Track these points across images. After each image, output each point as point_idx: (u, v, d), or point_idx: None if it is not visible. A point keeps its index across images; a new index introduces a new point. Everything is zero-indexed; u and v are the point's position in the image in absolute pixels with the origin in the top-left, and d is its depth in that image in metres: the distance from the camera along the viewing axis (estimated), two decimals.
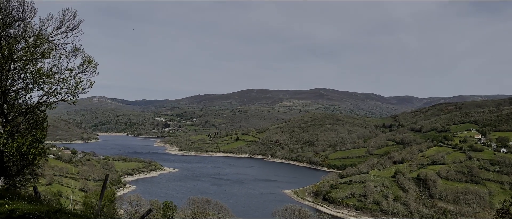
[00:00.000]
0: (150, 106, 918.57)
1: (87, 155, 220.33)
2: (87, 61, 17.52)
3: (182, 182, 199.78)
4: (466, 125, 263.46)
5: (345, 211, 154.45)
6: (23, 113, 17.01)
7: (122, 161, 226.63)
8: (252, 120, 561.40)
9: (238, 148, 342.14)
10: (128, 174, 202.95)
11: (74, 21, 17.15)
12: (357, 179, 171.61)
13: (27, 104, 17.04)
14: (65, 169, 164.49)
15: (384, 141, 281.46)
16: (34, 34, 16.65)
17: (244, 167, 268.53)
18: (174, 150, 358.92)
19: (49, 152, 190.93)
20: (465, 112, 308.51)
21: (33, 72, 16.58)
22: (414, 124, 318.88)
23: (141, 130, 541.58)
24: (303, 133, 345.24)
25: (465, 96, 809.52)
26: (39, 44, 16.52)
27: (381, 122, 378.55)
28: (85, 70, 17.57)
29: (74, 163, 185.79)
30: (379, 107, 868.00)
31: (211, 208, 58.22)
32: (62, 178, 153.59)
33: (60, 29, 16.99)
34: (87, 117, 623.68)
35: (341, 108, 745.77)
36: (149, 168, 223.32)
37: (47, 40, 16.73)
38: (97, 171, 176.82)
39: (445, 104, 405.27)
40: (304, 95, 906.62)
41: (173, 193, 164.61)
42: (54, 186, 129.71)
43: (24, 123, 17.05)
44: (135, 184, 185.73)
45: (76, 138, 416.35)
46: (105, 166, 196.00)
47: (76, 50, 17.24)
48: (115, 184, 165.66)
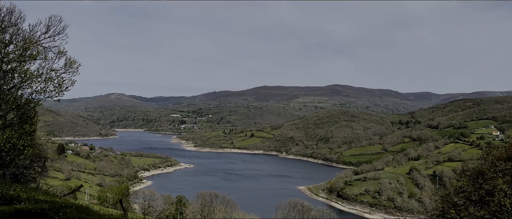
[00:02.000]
0: (167, 103, 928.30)
1: (105, 151, 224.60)
2: (69, 63, 19.43)
3: (197, 177, 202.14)
4: (484, 121, 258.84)
5: (359, 207, 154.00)
6: (14, 109, 18.56)
7: (138, 156, 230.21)
8: (267, 117, 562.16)
9: (252, 145, 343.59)
10: (145, 170, 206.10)
11: (60, 26, 18.93)
12: (371, 176, 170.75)
13: (17, 101, 18.71)
14: (83, 165, 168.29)
15: (400, 137, 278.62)
16: (24, 39, 18.25)
17: (259, 163, 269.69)
18: (189, 146, 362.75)
19: (67, 148, 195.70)
20: (483, 108, 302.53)
21: (22, 73, 18.28)
22: (431, 120, 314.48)
23: (158, 126, 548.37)
24: (318, 129, 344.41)
25: (485, 92, 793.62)
26: (28, 48, 18.13)
27: (397, 119, 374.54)
28: (68, 71, 19.47)
29: (92, 159, 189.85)
30: (396, 103, 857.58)
31: (218, 202, 59.52)
32: (80, 173, 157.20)
33: (47, 33, 18.72)
34: (105, 113, 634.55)
35: (357, 105, 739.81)
36: (165, 164, 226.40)
37: (36, 43, 18.44)
38: (115, 167, 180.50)
39: (463, 100, 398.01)
40: (320, 92, 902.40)
41: (188, 187, 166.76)
42: (72, 181, 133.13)
43: (15, 118, 18.65)
44: (151, 179, 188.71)
45: (95, 134, 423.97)
46: (122, 162, 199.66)
47: (60, 52, 19.06)
48: (132, 179, 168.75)
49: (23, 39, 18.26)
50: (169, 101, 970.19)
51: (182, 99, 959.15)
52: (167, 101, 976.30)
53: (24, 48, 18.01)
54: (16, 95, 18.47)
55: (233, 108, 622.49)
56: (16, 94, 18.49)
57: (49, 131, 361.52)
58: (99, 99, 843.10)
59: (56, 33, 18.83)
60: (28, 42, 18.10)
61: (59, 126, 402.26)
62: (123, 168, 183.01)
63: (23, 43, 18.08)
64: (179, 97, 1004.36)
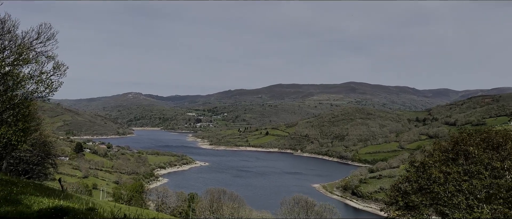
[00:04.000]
0: (183, 101, 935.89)
1: (122, 149, 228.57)
2: (57, 66, 21.18)
3: (211, 174, 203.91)
4: (502, 118, 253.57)
5: (374, 205, 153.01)
6: (9, 108, 20.23)
7: (155, 155, 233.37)
8: (282, 115, 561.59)
9: (267, 142, 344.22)
10: (161, 168, 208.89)
11: (50, 32, 20.64)
12: (387, 174, 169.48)
13: (12, 101, 20.42)
14: (101, 163, 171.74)
15: (417, 135, 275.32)
16: (17, 45, 19.94)
17: (273, 160, 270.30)
18: (205, 144, 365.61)
19: (85, 146, 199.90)
20: (502, 105, 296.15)
21: (14, 76, 19.95)
22: (448, 117, 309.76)
23: (174, 125, 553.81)
24: (333, 127, 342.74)
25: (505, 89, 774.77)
26: (21, 53, 19.78)
27: (414, 116, 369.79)
28: (56, 73, 21.24)
29: (109, 157, 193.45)
30: (413, 101, 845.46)
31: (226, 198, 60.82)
32: (98, 171, 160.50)
33: (38, 39, 20.38)
34: (123, 112, 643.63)
35: (374, 102, 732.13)
36: (181, 162, 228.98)
37: (28, 49, 20.11)
38: (131, 165, 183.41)
39: (482, 97, 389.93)
40: (335, 90, 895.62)
41: (202, 185, 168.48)
42: (89, 179, 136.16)
43: (11, 116, 20.43)
44: (167, 177, 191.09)
45: (112, 132, 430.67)
46: (139, 160, 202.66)
47: (48, 57, 20.82)
48: (148, 177, 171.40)
49: (17, 45, 19.83)
50: (185, 100, 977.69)
51: (198, 98, 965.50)
52: (183, 100, 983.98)
53: (19, 53, 19.57)
54: (11, 96, 20.07)
55: (248, 107, 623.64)
56: (11, 95, 20.08)
57: (68, 130, 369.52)
58: (117, 99, 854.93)
59: (47, 39, 20.49)
60: (21, 48, 19.65)
61: (78, 125, 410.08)
62: (140, 166, 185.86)
63: (17, 49, 19.64)
64: (195, 96, 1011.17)
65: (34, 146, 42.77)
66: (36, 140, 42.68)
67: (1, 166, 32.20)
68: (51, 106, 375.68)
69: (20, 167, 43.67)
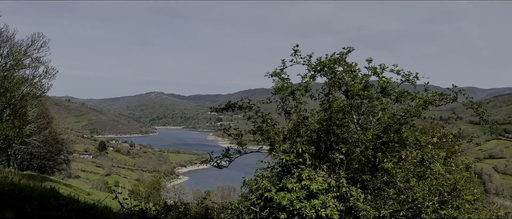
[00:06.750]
0: (204, 101, 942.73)
1: (144, 148, 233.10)
2: (47, 70, 24.18)
3: (231, 172, 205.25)
4: None
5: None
6: (6, 107, 22.94)
7: (176, 153, 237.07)
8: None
9: None
10: (182, 166, 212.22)
11: (43, 40, 23.45)
12: None
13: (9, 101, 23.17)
14: (123, 161, 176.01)
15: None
16: (14, 52, 22.73)
17: None
18: (225, 143, 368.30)
19: (108, 145, 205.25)
20: None
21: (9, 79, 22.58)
22: (473, 116, 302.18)
23: (195, 124, 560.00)
24: None
25: None
26: (17, 58, 22.55)
27: (438, 115, 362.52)
28: (46, 77, 24.28)
29: (131, 155, 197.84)
30: None
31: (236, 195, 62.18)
32: (120, 169, 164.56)
33: (32, 46, 23.09)
34: (146, 111, 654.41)
35: None
36: (201, 160, 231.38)
37: (24, 55, 22.97)
38: (153, 163, 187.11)
39: (509, 95, 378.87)
40: None
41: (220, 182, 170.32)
42: (112, 177, 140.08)
43: (8, 115, 23.21)
44: (187, 175, 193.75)
45: (135, 131, 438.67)
46: (160, 158, 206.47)
47: (40, 62, 23.75)
48: (169, 175, 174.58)
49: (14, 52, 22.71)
50: (206, 99, 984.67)
51: (219, 97, 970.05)
52: (204, 99, 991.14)
53: (16, 59, 22.45)
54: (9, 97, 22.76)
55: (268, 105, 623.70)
56: (8, 96, 22.85)
57: (93, 129, 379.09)
58: (140, 98, 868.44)
59: (39, 46, 23.28)
60: (18, 54, 22.53)
61: (102, 124, 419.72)
62: (161, 164, 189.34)
63: (14, 55, 22.53)
64: (216, 95, 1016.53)
65: (45, 142, 44.99)
66: (46, 137, 44.98)
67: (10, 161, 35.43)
68: (76, 106, 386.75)
69: (34, 162, 46.76)
